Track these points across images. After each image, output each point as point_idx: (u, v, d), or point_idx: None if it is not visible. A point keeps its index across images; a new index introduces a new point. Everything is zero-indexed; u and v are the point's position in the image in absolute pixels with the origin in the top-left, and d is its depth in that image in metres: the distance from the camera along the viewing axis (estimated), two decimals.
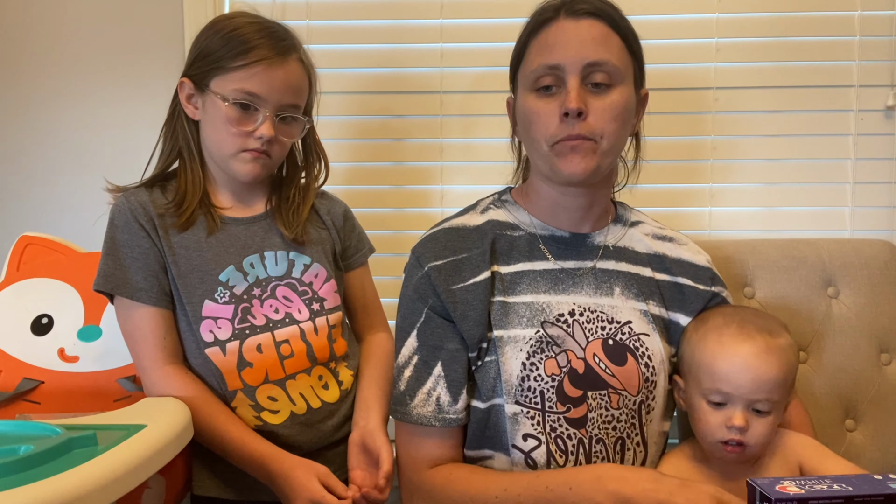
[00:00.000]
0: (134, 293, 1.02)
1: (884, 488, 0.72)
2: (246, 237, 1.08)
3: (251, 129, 1.03)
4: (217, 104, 1.02)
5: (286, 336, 1.06)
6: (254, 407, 1.04)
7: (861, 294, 1.24)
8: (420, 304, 0.99)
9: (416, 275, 1.00)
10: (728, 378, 0.91)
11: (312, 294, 1.10)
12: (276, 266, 1.09)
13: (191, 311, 1.03)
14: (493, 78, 1.46)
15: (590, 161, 0.92)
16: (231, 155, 1.04)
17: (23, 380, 1.12)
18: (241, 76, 1.01)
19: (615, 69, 0.92)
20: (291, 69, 1.04)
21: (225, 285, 1.05)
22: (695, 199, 1.51)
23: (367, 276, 1.22)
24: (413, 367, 0.98)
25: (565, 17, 0.93)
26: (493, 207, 1.06)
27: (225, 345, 1.04)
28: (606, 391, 0.95)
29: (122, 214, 1.04)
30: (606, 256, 1.02)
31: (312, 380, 1.09)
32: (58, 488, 0.67)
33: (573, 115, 0.90)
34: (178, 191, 1.07)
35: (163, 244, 1.03)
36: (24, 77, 1.49)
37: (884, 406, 1.22)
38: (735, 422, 0.90)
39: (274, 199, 1.13)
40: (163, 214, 1.05)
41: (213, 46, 1.03)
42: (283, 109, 1.05)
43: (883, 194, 1.50)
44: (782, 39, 1.48)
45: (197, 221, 1.06)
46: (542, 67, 0.93)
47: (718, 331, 0.94)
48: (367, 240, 1.23)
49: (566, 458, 0.93)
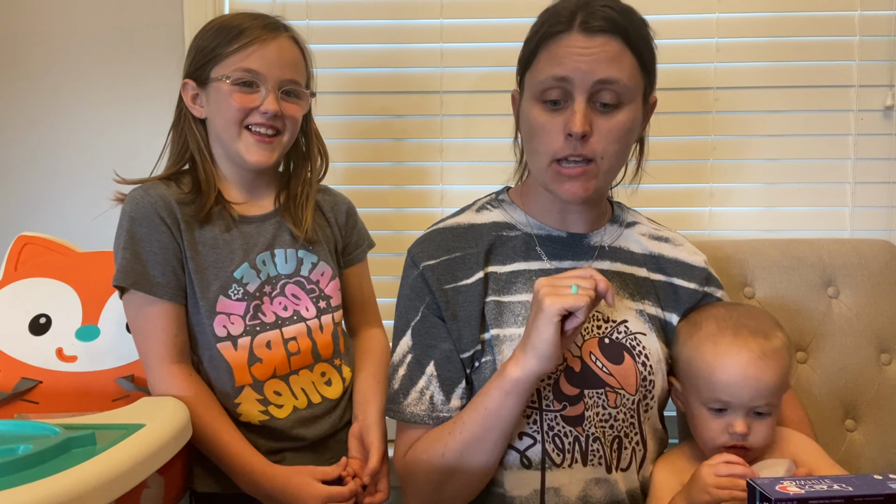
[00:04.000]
0: (152, 288, 1.02)
1: (884, 488, 0.72)
2: (258, 235, 1.09)
3: (256, 104, 1.03)
4: (219, 88, 1.04)
5: (294, 333, 1.08)
6: (261, 401, 1.06)
7: (861, 294, 1.24)
8: (416, 303, 0.99)
9: (412, 274, 1.00)
10: (727, 388, 0.90)
11: (319, 292, 1.12)
12: (285, 264, 1.10)
13: (205, 306, 1.04)
14: (494, 78, 1.46)
15: (588, 185, 0.93)
16: (239, 136, 1.05)
17: (21, 379, 1.12)
18: (238, 58, 1.03)
19: (625, 88, 0.91)
20: (284, 45, 1.06)
21: (239, 282, 1.05)
22: (695, 199, 1.51)
23: (365, 273, 1.23)
24: (407, 365, 0.98)
25: (579, 31, 0.90)
26: (490, 207, 1.06)
27: (237, 340, 1.05)
28: (603, 390, 0.95)
29: (142, 208, 1.03)
30: (602, 257, 1.02)
31: (314, 376, 1.11)
32: (56, 488, 0.67)
33: (576, 138, 0.90)
34: (193, 187, 1.07)
35: (183, 237, 1.04)
36: (23, 77, 1.49)
37: (884, 406, 1.22)
38: (737, 429, 0.90)
39: (282, 196, 1.13)
40: (183, 203, 1.05)
41: (207, 41, 1.06)
42: (284, 84, 1.05)
43: (883, 194, 1.50)
44: (782, 39, 1.48)
45: (214, 217, 1.07)
46: (551, 79, 0.91)
47: (713, 339, 0.93)
48: (367, 236, 1.23)
49: (563, 456, 0.93)
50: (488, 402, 0.89)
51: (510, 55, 1.02)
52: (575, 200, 0.94)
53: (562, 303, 0.82)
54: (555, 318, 0.82)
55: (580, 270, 0.87)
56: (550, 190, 0.96)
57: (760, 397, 0.90)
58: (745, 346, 0.91)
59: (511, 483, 0.94)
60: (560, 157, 0.92)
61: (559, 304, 0.82)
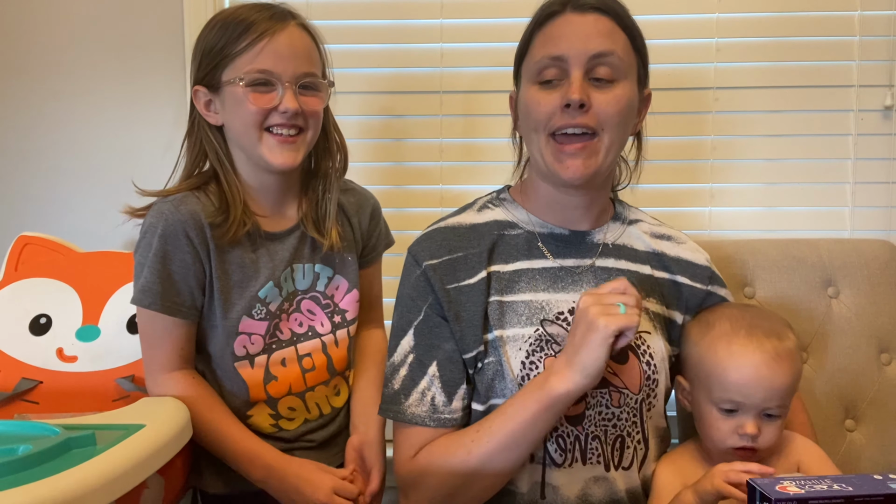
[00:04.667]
0: (170, 309, 0.99)
1: (884, 488, 0.72)
2: (282, 251, 1.06)
3: (274, 104, 0.98)
4: (234, 92, 0.98)
5: (308, 349, 1.07)
6: (273, 416, 1.06)
7: (861, 294, 1.24)
8: (419, 303, 0.98)
9: (414, 273, 1.00)
10: (739, 389, 0.90)
11: (334, 307, 1.10)
12: (303, 279, 1.07)
13: (228, 326, 1.01)
14: (494, 78, 1.46)
15: (590, 163, 0.92)
16: (260, 140, 0.99)
17: (21, 380, 1.12)
18: (248, 57, 0.97)
19: (619, 62, 0.92)
20: (295, 35, 1.00)
21: (263, 302, 1.03)
22: (695, 199, 1.51)
23: (377, 273, 1.20)
24: (408, 365, 0.97)
25: (571, 11, 0.93)
26: (491, 206, 1.06)
27: (254, 359, 1.04)
28: (607, 389, 0.95)
29: (171, 225, 0.98)
30: (606, 254, 1.02)
31: (329, 390, 1.11)
32: (56, 488, 0.67)
33: (575, 107, 0.90)
34: (221, 201, 1.02)
35: (212, 260, 1.00)
36: (23, 77, 1.49)
37: (884, 406, 1.22)
38: (748, 430, 0.90)
39: (305, 203, 1.08)
40: (214, 225, 1.00)
41: (213, 40, 0.99)
42: (301, 78, 0.99)
43: (882, 194, 1.50)
44: (782, 39, 1.47)
45: (242, 237, 1.02)
46: (546, 59, 0.92)
47: (727, 339, 0.93)
48: (386, 235, 1.20)
49: (564, 455, 0.93)
50: (523, 413, 0.87)
51: (510, 55, 1.02)
52: (576, 179, 0.93)
53: (617, 323, 0.81)
54: (610, 339, 0.82)
55: (617, 283, 0.86)
56: (551, 172, 0.94)
57: (773, 399, 0.90)
58: (759, 346, 0.91)
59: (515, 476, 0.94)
60: (558, 129, 0.92)
61: (615, 325, 0.81)
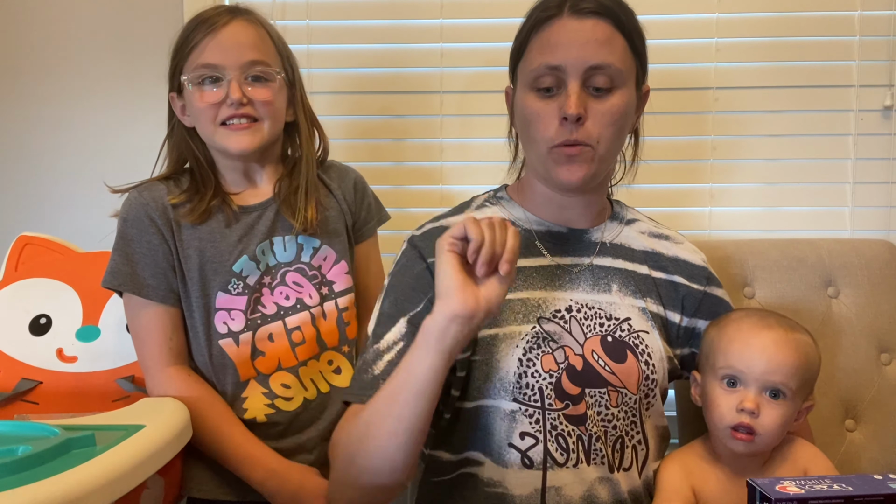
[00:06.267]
0: (141, 290, 1.02)
1: (884, 488, 0.72)
2: (258, 224, 1.07)
3: (221, 98, 1.02)
4: (190, 94, 1.04)
5: (297, 322, 1.07)
6: (266, 395, 1.05)
7: (861, 294, 1.24)
8: (419, 294, 0.96)
9: (419, 265, 0.98)
10: (741, 356, 0.91)
11: (321, 278, 1.10)
12: (284, 252, 1.08)
13: (204, 303, 1.03)
14: (493, 78, 1.45)
15: (586, 169, 0.93)
16: (215, 133, 1.04)
17: (21, 380, 1.12)
18: (195, 56, 1.02)
19: (617, 72, 0.91)
20: (238, 28, 1.04)
21: (238, 276, 1.05)
22: (695, 199, 1.51)
23: (372, 252, 1.19)
24: (397, 352, 0.93)
25: (569, 15, 0.92)
26: (489, 205, 1.06)
27: (238, 336, 1.04)
28: (605, 389, 0.94)
29: (134, 209, 1.04)
30: (603, 253, 1.02)
31: (322, 365, 1.10)
32: (56, 489, 0.67)
33: (572, 121, 0.90)
34: (191, 185, 1.07)
35: (175, 238, 1.03)
36: (23, 77, 1.49)
37: (884, 406, 1.22)
38: (746, 404, 0.89)
39: (283, 184, 1.10)
40: (177, 205, 1.04)
41: (174, 48, 1.06)
42: (248, 68, 1.03)
43: (882, 194, 1.50)
44: (782, 39, 1.47)
45: (213, 212, 1.06)
46: (543, 67, 0.92)
47: (738, 321, 0.95)
48: (378, 210, 1.20)
49: (567, 455, 0.93)
50: (408, 358, 0.85)
51: None
52: (572, 185, 0.93)
53: (449, 234, 0.81)
54: (443, 251, 0.81)
55: None
56: (549, 177, 0.95)
57: (774, 373, 0.89)
58: (767, 326, 0.92)
59: (512, 483, 0.93)
60: (556, 145, 0.92)
61: (448, 237, 0.81)
